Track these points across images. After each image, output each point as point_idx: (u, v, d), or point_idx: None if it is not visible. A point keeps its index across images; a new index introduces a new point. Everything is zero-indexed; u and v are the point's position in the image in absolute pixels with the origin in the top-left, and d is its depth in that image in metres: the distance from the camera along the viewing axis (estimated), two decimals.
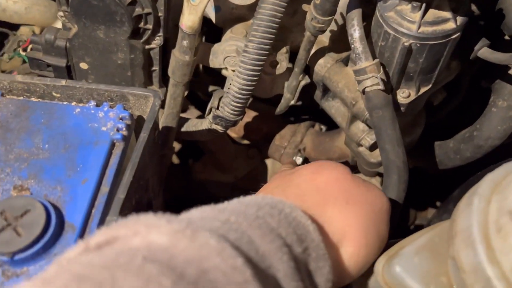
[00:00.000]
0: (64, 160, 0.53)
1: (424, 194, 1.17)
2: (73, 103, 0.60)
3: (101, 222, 0.49)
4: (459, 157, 0.97)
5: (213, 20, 0.82)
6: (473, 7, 0.75)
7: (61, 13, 0.75)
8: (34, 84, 0.60)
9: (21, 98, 0.60)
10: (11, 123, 0.56)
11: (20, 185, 0.50)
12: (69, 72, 0.80)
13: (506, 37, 0.80)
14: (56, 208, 0.49)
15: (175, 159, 1.18)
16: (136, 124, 0.62)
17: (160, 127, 0.86)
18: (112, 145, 0.55)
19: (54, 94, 0.61)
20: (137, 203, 0.55)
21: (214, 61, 0.82)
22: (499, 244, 0.41)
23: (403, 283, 0.49)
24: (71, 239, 0.49)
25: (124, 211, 0.48)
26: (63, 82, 0.60)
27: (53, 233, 0.47)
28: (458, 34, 0.65)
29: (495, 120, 0.90)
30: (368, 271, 0.55)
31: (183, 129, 0.92)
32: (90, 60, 0.77)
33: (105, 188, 0.52)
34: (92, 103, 0.59)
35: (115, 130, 0.56)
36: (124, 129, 0.56)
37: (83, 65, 0.79)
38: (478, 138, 0.93)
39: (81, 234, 0.49)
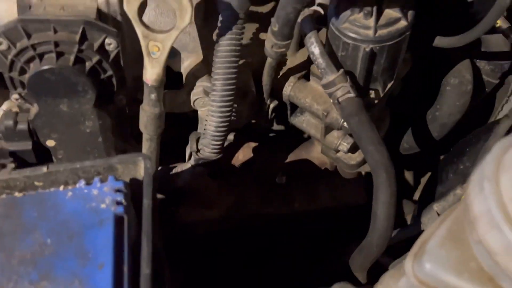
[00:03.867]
0: (72, 250, 0.50)
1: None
2: (61, 188, 0.57)
3: None
4: (428, 138, 1.02)
5: (173, 67, 0.82)
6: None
7: (16, 96, 0.71)
8: (13, 179, 0.56)
9: (4, 196, 0.56)
10: (2, 226, 0.52)
11: None
12: (35, 153, 0.76)
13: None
14: None
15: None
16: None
17: None
18: (117, 220, 0.53)
19: (36, 183, 0.58)
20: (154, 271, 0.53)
21: (183, 106, 0.81)
22: None
23: (438, 278, 0.51)
24: None
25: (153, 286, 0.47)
26: (44, 169, 0.57)
27: None
28: (410, 30, 0.69)
29: (452, 97, 0.96)
30: (397, 274, 0.56)
31: (164, 179, 0.90)
32: (57, 136, 0.74)
33: (125, 267, 0.49)
34: (82, 182, 0.56)
35: (115, 204, 0.54)
36: (123, 200, 0.54)
37: (50, 143, 0.75)
38: (441, 117, 0.99)
39: None
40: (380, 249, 0.77)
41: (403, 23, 0.68)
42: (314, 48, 0.71)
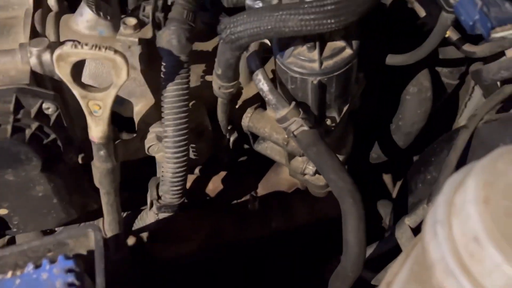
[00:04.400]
0: None
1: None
2: (9, 273, 0.54)
3: None
4: (394, 148, 1.02)
5: (123, 114, 0.79)
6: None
7: None
8: None
9: None
10: None
11: None
12: None
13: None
14: None
15: None
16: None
17: (107, 235, 0.81)
18: None
19: None
20: None
21: (139, 153, 0.79)
22: (477, 269, 0.43)
23: None
24: None
25: None
26: None
27: None
28: (357, 57, 0.68)
29: (413, 105, 0.96)
30: None
31: (130, 226, 0.88)
32: (8, 204, 0.71)
33: None
34: (30, 266, 0.53)
35: (67, 287, 0.52)
36: (75, 280, 0.52)
37: (3, 211, 0.72)
38: (404, 127, 0.98)
39: None
40: (355, 274, 0.77)
41: (348, 51, 0.66)
42: (263, 85, 0.69)
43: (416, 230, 0.87)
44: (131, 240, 1.05)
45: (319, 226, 1.21)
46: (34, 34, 0.70)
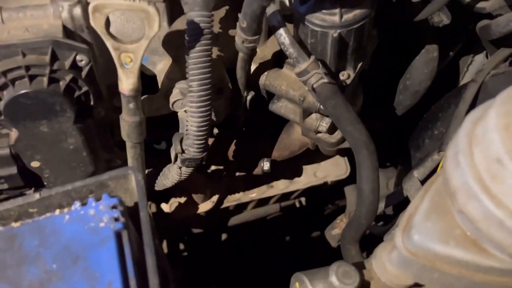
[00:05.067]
0: (79, 273, 0.51)
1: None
2: (57, 212, 0.58)
3: None
4: (401, 107, 1.06)
5: (145, 72, 0.82)
6: None
7: None
8: (7, 210, 0.57)
9: (0, 228, 0.56)
10: (5, 259, 0.53)
11: None
12: (22, 175, 0.76)
13: None
14: None
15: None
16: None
17: None
18: (117, 237, 0.54)
19: (30, 210, 0.58)
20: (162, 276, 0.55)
21: (162, 110, 0.82)
22: (499, 189, 0.47)
23: (426, 248, 0.55)
24: None
25: None
26: (36, 196, 0.57)
27: None
28: (373, 12, 0.71)
29: (420, 65, 1.00)
30: (389, 246, 0.60)
31: (152, 183, 0.91)
32: (40, 156, 0.74)
33: (132, 282, 0.51)
34: (77, 204, 0.57)
35: (113, 221, 0.55)
36: (121, 216, 0.56)
37: (35, 164, 0.75)
38: (412, 86, 1.02)
39: None
40: (369, 222, 0.81)
41: (366, 4, 0.70)
42: (284, 39, 0.72)
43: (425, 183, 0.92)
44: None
45: (324, 188, 1.27)
46: None
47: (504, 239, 0.47)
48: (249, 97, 0.89)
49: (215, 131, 0.99)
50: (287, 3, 0.74)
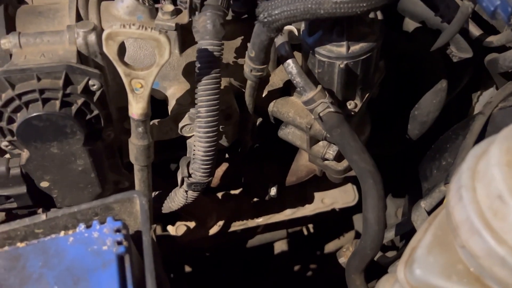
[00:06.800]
0: None
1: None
2: (62, 233, 0.59)
3: None
4: (409, 136, 1.06)
5: (156, 96, 0.84)
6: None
7: (5, 143, 0.72)
8: (14, 229, 0.58)
9: (6, 248, 0.58)
10: (8, 279, 0.54)
11: None
12: (30, 195, 0.77)
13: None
14: None
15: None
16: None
17: None
18: (119, 260, 0.55)
19: (36, 231, 0.59)
20: None
21: (171, 133, 0.83)
22: (500, 225, 0.47)
23: (428, 282, 0.54)
24: None
25: None
26: (43, 217, 0.59)
27: None
28: (380, 44, 0.72)
29: (429, 95, 1.00)
30: (391, 279, 0.59)
31: (159, 205, 0.92)
32: (50, 176, 0.76)
33: None
34: (82, 226, 0.58)
35: (116, 244, 0.56)
36: (124, 240, 0.56)
37: (44, 184, 0.77)
38: (420, 116, 1.02)
39: None
40: (374, 252, 0.80)
41: (372, 37, 0.71)
42: (292, 69, 0.73)
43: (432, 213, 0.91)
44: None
45: (331, 215, 1.26)
46: (78, 17, 0.75)
47: (506, 277, 0.47)
48: (257, 123, 0.90)
49: (223, 155, 1.00)
50: (296, 33, 0.76)
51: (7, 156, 0.76)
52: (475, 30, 0.79)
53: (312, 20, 0.70)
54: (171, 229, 1.14)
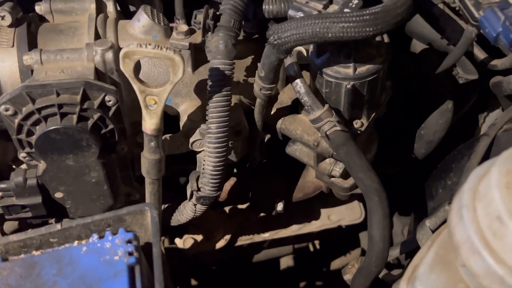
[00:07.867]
0: None
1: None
2: (75, 243, 0.61)
3: None
4: (415, 155, 1.07)
5: (168, 112, 0.86)
6: None
7: (23, 154, 0.75)
8: (30, 238, 0.60)
9: (22, 256, 0.60)
10: (24, 285, 0.56)
11: None
12: (45, 205, 0.80)
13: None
14: None
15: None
16: None
17: None
18: (130, 270, 0.57)
19: (51, 240, 0.62)
20: None
21: (182, 148, 0.86)
22: (499, 245, 0.48)
23: None
24: None
25: None
26: (58, 226, 0.61)
27: None
28: (386, 65, 0.75)
29: (435, 115, 1.02)
30: None
31: (167, 218, 0.94)
32: (64, 188, 0.78)
33: None
34: (95, 236, 0.60)
35: (127, 255, 0.58)
36: (135, 251, 0.58)
37: (59, 194, 0.79)
38: (426, 135, 1.04)
39: None
40: (378, 269, 0.81)
41: (379, 60, 0.73)
42: (300, 88, 0.76)
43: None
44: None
45: (337, 231, 1.27)
46: (96, 36, 0.78)
47: None
48: (265, 139, 0.92)
49: (231, 170, 1.02)
50: (305, 53, 0.79)
51: (24, 166, 0.79)
52: (480, 54, 0.81)
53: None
54: (179, 242, 1.16)
